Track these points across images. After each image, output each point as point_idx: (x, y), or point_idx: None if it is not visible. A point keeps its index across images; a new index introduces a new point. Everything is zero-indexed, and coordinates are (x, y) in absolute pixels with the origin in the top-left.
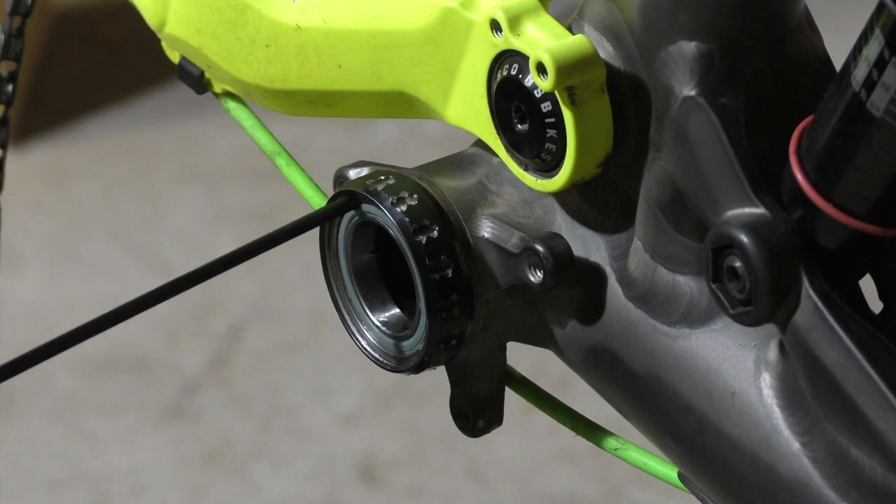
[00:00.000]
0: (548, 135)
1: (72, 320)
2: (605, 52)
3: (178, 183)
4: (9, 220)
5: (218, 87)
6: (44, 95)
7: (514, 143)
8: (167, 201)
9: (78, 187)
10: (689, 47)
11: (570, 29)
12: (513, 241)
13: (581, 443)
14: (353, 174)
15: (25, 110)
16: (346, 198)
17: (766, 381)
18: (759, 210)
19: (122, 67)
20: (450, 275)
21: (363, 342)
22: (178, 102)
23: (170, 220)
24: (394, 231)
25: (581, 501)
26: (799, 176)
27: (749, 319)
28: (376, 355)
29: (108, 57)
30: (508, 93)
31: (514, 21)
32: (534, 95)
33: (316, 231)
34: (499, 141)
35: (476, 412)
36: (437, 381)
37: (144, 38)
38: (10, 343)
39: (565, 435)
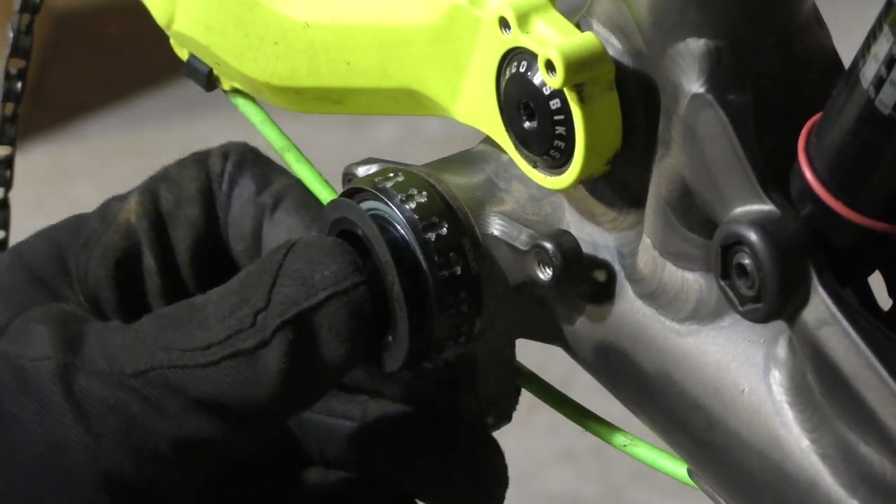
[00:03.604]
0: (556, 132)
1: None
2: (614, 49)
3: None
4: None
5: (226, 84)
6: (44, 95)
7: (523, 141)
8: None
9: (78, 187)
10: (698, 44)
11: (578, 26)
12: (521, 238)
13: (581, 443)
14: (361, 171)
15: (26, 110)
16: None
17: (776, 377)
18: (768, 207)
19: (123, 67)
20: (459, 272)
21: None
22: (179, 103)
23: None
24: (402, 228)
25: (581, 501)
26: (808, 173)
27: (758, 316)
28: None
29: (108, 57)
30: (517, 90)
31: (523, 18)
32: (542, 93)
33: None
34: (507, 138)
35: (484, 409)
36: None
37: (145, 39)
38: None
39: (565, 435)
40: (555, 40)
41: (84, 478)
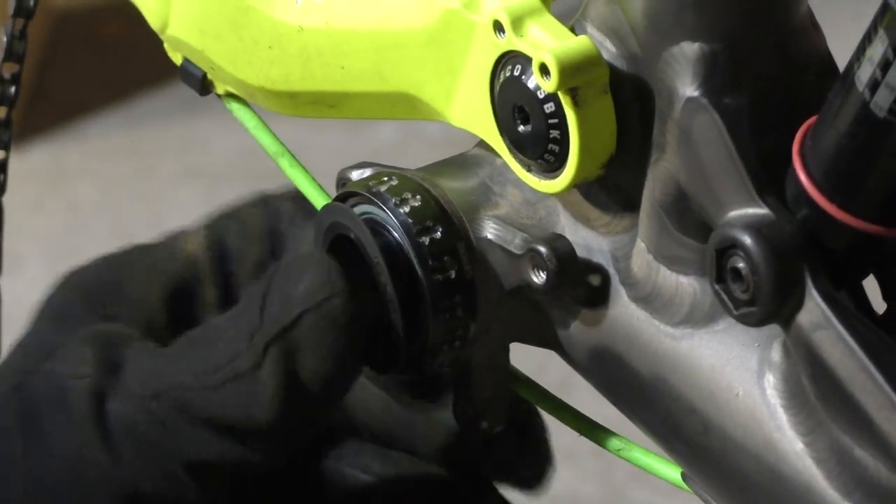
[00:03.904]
0: (551, 136)
1: None
2: (608, 52)
3: (178, 183)
4: (9, 220)
5: (221, 89)
6: (44, 95)
7: (517, 144)
8: (167, 201)
9: (78, 187)
10: (693, 48)
11: (572, 30)
12: (516, 242)
13: (581, 443)
14: (355, 175)
15: (25, 110)
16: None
17: (770, 381)
18: (763, 211)
19: (123, 67)
20: (453, 276)
21: None
22: (179, 103)
23: (170, 220)
24: (397, 232)
25: (581, 502)
26: (802, 176)
27: (752, 320)
28: None
29: (108, 57)
30: (511, 94)
31: (517, 22)
32: (537, 96)
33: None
34: (502, 142)
35: (479, 414)
36: None
37: (145, 39)
38: (9, 344)
39: (565, 435)
40: (549, 44)
41: (102, 496)
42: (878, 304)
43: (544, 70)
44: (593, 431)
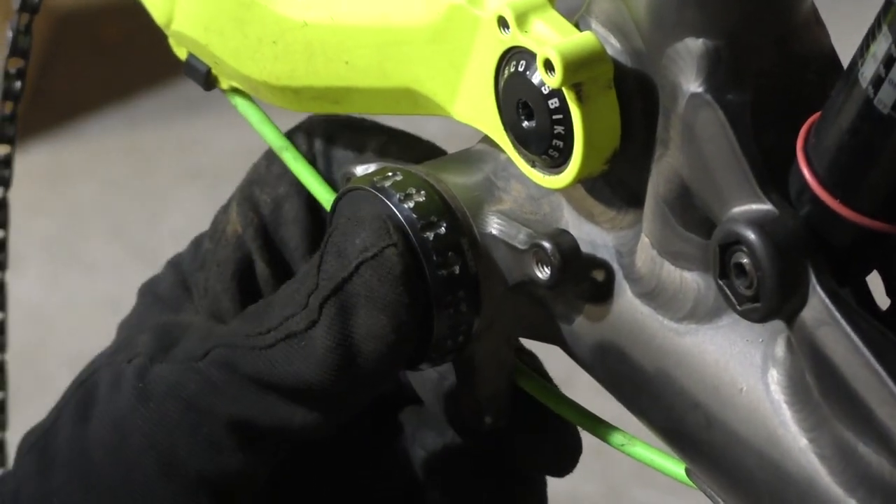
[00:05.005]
0: (555, 131)
1: (72, 320)
2: (613, 48)
3: (178, 183)
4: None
5: (225, 84)
6: (44, 95)
7: (522, 140)
8: (167, 201)
9: (78, 187)
10: (697, 44)
11: (577, 26)
12: (520, 238)
13: (582, 440)
14: (359, 171)
15: (25, 110)
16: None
17: (774, 377)
18: (767, 206)
19: (122, 68)
20: (457, 271)
21: None
22: (178, 102)
23: (170, 220)
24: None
25: (581, 501)
26: (806, 173)
27: (756, 316)
28: None
29: (108, 57)
30: (516, 89)
31: (522, 18)
32: (541, 92)
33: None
34: (506, 137)
35: (483, 408)
36: None
37: (145, 39)
38: (11, 343)
39: None
40: (553, 40)
41: (144, 461)
42: (882, 300)
43: (549, 66)
44: (596, 427)
